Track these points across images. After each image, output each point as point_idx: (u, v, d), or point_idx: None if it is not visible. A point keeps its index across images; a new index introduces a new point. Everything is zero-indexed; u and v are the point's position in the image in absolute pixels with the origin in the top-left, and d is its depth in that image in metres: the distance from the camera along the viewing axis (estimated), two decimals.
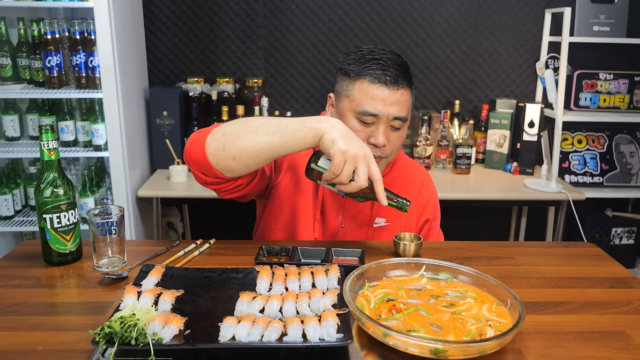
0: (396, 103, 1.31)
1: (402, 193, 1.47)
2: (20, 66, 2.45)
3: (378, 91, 1.30)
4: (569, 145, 2.94)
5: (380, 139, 1.32)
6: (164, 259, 1.25)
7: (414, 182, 1.54)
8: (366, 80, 1.31)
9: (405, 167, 1.55)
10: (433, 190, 1.59)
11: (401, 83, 1.31)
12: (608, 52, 2.92)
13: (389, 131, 1.34)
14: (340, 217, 1.46)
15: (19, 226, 2.51)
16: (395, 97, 1.31)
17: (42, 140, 1.17)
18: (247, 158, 1.15)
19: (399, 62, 1.33)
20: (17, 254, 1.30)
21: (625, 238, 3.03)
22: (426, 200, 1.56)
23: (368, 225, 1.47)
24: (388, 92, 1.30)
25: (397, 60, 1.34)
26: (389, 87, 1.30)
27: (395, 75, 1.30)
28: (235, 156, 1.15)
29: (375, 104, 1.30)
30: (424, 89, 2.99)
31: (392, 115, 1.31)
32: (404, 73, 1.33)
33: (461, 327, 0.94)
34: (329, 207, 1.46)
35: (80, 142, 2.52)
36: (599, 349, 0.93)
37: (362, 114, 1.31)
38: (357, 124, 1.33)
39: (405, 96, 1.33)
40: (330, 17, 2.87)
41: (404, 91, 1.32)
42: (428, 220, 1.56)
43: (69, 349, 0.91)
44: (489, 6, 2.90)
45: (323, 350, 0.89)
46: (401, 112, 1.32)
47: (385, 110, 1.30)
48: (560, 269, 1.25)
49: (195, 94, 2.75)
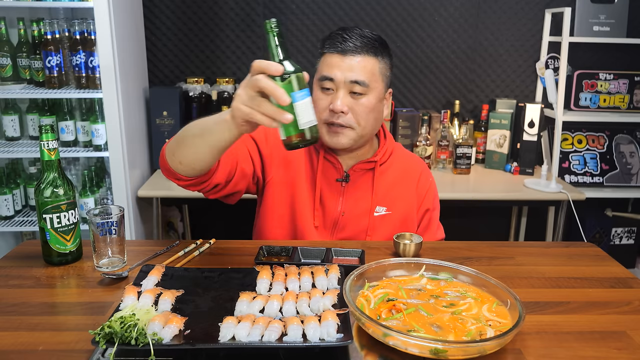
0: (352, 68, 1.34)
1: (397, 184, 1.50)
2: (20, 66, 2.45)
3: (335, 59, 1.35)
4: (569, 145, 2.94)
5: (337, 103, 1.34)
6: (164, 259, 1.25)
7: (412, 172, 1.54)
8: (327, 52, 1.38)
9: (403, 158, 1.56)
10: (432, 181, 1.59)
11: (361, 51, 1.34)
12: (608, 52, 2.92)
13: (350, 98, 1.36)
14: (340, 206, 1.46)
15: (19, 226, 2.51)
16: (352, 62, 1.34)
17: (42, 140, 1.17)
18: (190, 160, 1.17)
19: (363, 35, 1.37)
20: (17, 254, 1.30)
21: (625, 238, 3.03)
22: (426, 190, 1.56)
23: (368, 214, 1.47)
24: (344, 58, 1.34)
25: (363, 33, 1.37)
26: (347, 55, 1.34)
27: (353, 44, 1.34)
28: (181, 161, 1.18)
29: (331, 69, 1.35)
30: (424, 89, 2.99)
31: (348, 79, 1.34)
32: (366, 43, 1.35)
33: (461, 327, 0.94)
34: (327, 196, 1.46)
35: (80, 142, 2.52)
36: (599, 349, 0.93)
37: (321, 79, 1.37)
38: (319, 92, 1.38)
39: (366, 63, 1.35)
40: (330, 17, 2.87)
41: (364, 58, 1.35)
42: (428, 209, 1.56)
43: (69, 349, 0.91)
44: (489, 6, 2.90)
45: (323, 350, 0.89)
46: (359, 76, 1.34)
47: (341, 74, 1.34)
48: (560, 269, 1.25)
49: (195, 94, 2.76)
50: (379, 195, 1.47)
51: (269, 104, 0.95)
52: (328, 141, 1.41)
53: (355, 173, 1.47)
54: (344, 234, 1.48)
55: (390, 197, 1.49)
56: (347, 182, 1.46)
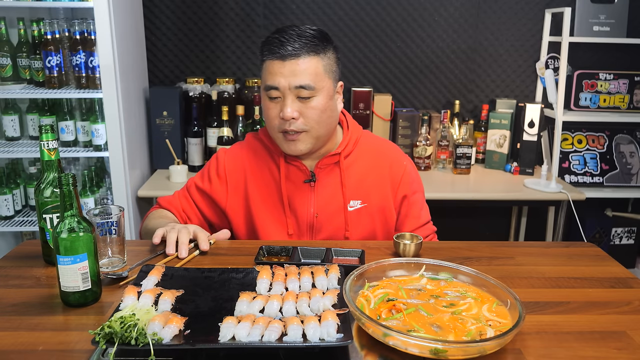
0: (293, 73, 1.31)
1: (368, 175, 1.47)
2: (20, 66, 2.45)
3: (276, 66, 1.33)
4: (569, 145, 2.94)
5: (286, 111, 1.32)
6: (163, 259, 1.25)
7: (382, 162, 1.49)
8: (267, 60, 1.35)
9: (371, 145, 1.51)
10: (407, 165, 1.51)
11: (301, 53, 1.31)
12: (608, 52, 2.92)
13: (299, 103, 1.34)
14: (312, 208, 1.44)
15: (19, 226, 2.51)
16: (292, 67, 1.31)
17: (42, 140, 1.16)
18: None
19: (299, 33, 1.33)
20: (17, 254, 1.30)
21: (625, 238, 3.03)
22: (400, 176, 1.49)
23: (343, 210, 1.44)
24: (284, 64, 1.32)
25: (301, 32, 1.34)
26: (285, 59, 1.32)
27: (291, 47, 1.31)
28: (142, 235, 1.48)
29: (274, 77, 1.33)
30: (424, 89, 3.00)
31: (293, 85, 1.32)
32: (304, 43, 1.32)
33: (461, 327, 0.94)
34: (297, 201, 1.44)
35: (80, 142, 2.52)
36: (599, 349, 0.93)
37: (266, 89, 1.35)
38: (268, 101, 1.37)
39: (307, 64, 1.32)
40: (330, 17, 2.87)
41: (305, 60, 1.32)
42: (406, 196, 1.49)
43: (69, 349, 0.91)
44: (489, 6, 2.90)
45: (323, 350, 0.89)
46: (303, 81, 1.31)
47: (285, 82, 1.32)
48: (560, 269, 1.25)
49: (195, 94, 2.76)
50: (350, 188, 1.44)
51: None
52: (287, 149, 1.40)
53: (321, 170, 1.44)
54: (322, 235, 1.45)
55: (363, 188, 1.45)
56: (314, 181, 1.44)
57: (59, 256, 1.01)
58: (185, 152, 2.72)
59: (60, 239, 1.00)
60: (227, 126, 2.63)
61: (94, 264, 1.04)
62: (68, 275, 1.01)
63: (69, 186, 1.01)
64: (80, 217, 1.03)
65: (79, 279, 1.01)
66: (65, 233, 1.01)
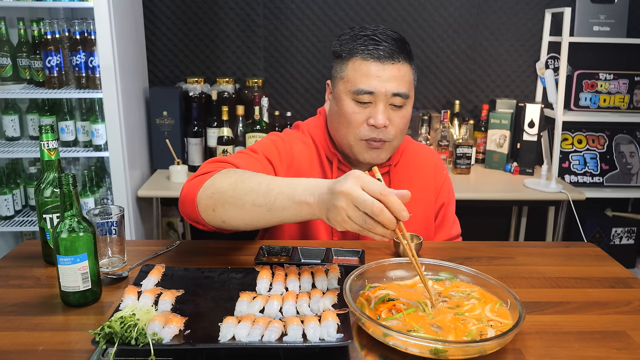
0: (393, 78, 1.23)
1: (415, 179, 1.41)
2: (20, 66, 2.45)
3: (372, 67, 1.23)
4: (569, 145, 2.94)
5: (380, 118, 1.24)
6: (164, 259, 1.25)
7: (427, 167, 1.46)
8: (358, 58, 1.25)
9: (415, 152, 1.47)
10: (446, 174, 1.51)
11: (397, 57, 1.24)
12: (608, 52, 2.92)
13: (390, 110, 1.26)
14: None
15: (19, 226, 2.51)
16: (392, 72, 1.23)
17: (42, 140, 1.16)
18: (237, 224, 1.09)
19: (393, 37, 1.26)
20: (17, 254, 1.30)
21: (625, 238, 3.03)
22: (441, 183, 1.48)
23: None
24: (383, 68, 1.23)
25: (392, 35, 1.26)
26: (384, 62, 1.23)
27: (389, 49, 1.23)
28: (224, 220, 1.09)
29: (370, 81, 1.23)
30: (424, 89, 2.99)
31: (390, 92, 1.24)
32: (400, 47, 1.26)
33: (462, 327, 0.94)
34: None
35: (80, 142, 2.52)
36: (599, 349, 0.93)
37: (357, 93, 1.24)
38: (354, 105, 1.26)
39: (404, 71, 1.26)
40: (330, 17, 2.87)
41: (402, 66, 1.25)
42: (444, 204, 1.49)
43: (69, 349, 0.90)
44: (489, 6, 2.90)
45: (323, 350, 0.89)
46: (400, 88, 1.24)
47: (382, 87, 1.23)
48: (560, 269, 1.25)
49: (195, 94, 2.76)
50: None
51: (380, 227, 0.91)
52: (366, 157, 1.31)
53: None
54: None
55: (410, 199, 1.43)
56: None
57: (59, 256, 1.01)
58: (185, 152, 2.73)
59: (60, 239, 1.00)
60: (227, 126, 2.63)
61: (94, 264, 1.04)
62: (68, 275, 1.01)
63: (69, 186, 1.01)
64: (80, 217, 1.03)
65: (79, 279, 1.01)
66: (65, 233, 1.01)
